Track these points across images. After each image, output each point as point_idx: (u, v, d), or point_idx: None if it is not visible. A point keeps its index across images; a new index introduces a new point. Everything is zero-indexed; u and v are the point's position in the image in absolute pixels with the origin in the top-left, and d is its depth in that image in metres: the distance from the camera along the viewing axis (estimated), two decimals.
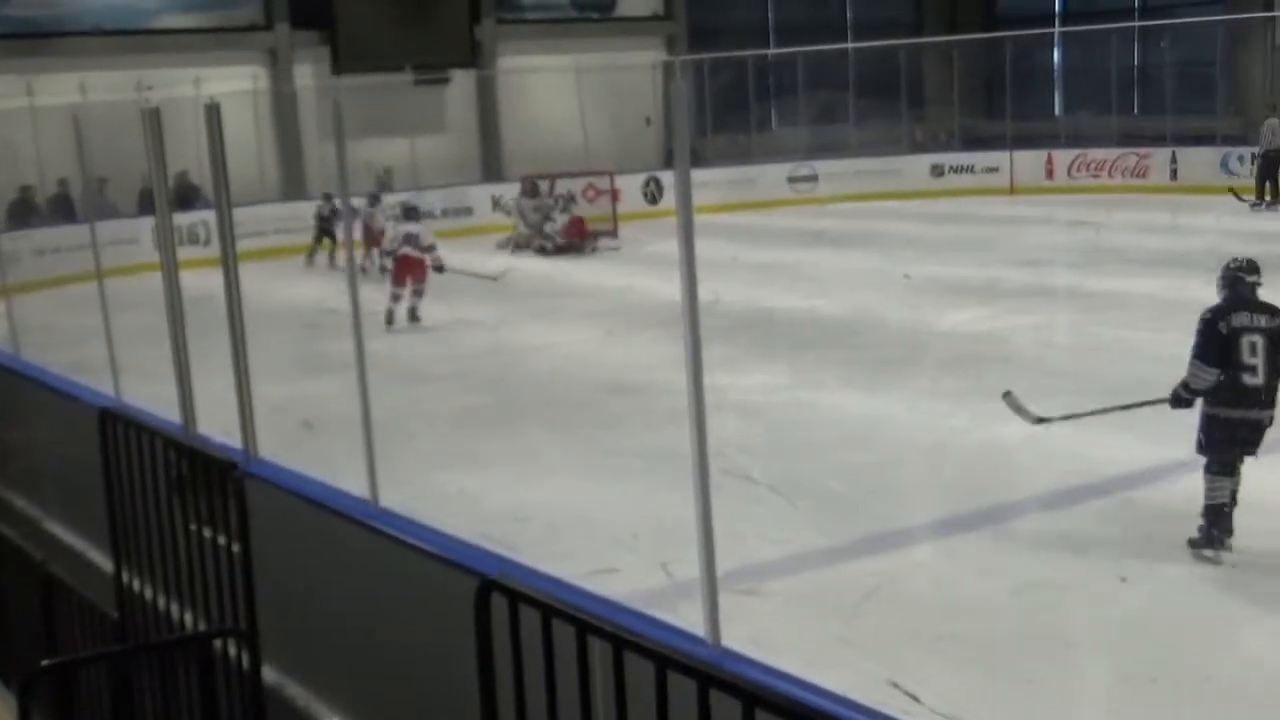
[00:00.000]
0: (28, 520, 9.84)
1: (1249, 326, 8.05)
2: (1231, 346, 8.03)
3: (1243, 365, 8.01)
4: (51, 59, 25.78)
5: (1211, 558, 8.11)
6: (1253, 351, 8.02)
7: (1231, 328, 8.07)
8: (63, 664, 5.33)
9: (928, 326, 15.66)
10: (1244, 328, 8.05)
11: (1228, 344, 8.05)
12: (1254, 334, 8.03)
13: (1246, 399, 8.05)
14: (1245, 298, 8.23)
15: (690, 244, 4.52)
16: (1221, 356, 8.04)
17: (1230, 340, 8.05)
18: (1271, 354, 8.03)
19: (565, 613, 3.86)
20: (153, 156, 7.66)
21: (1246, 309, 8.14)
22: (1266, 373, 8.03)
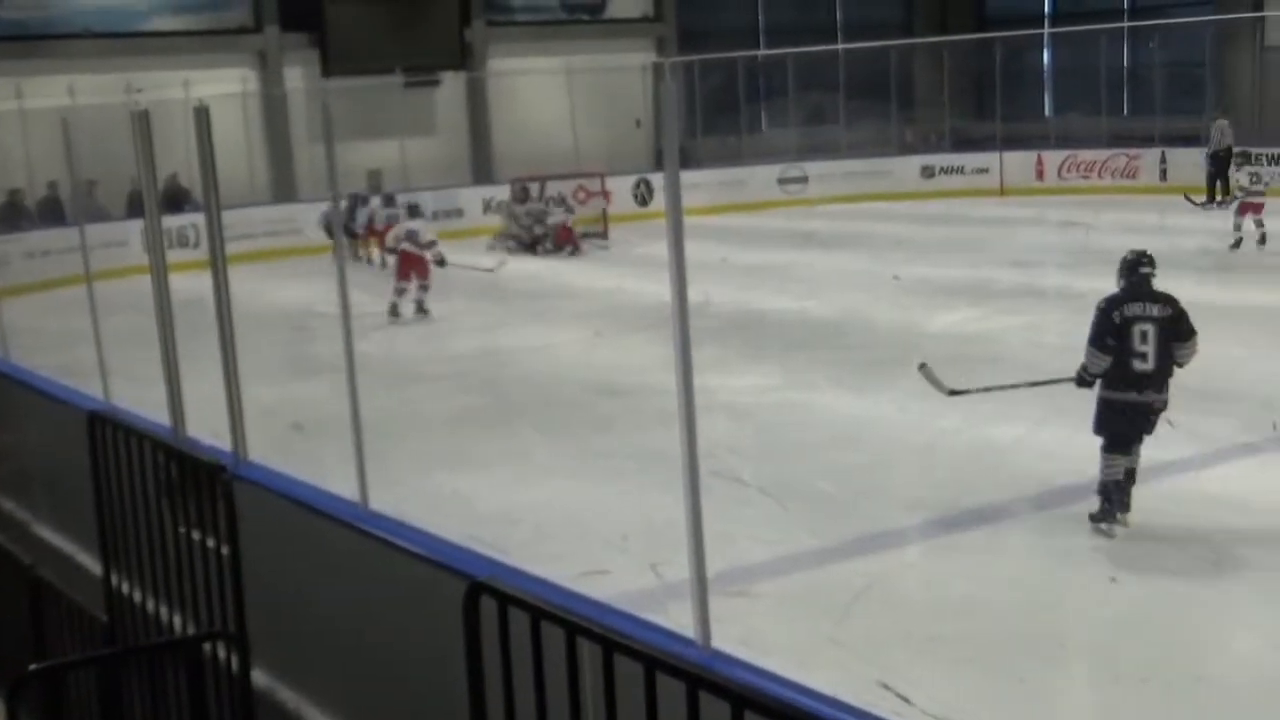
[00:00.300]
0: (16, 523, 9.81)
1: (1141, 315, 8.55)
2: (1124, 334, 8.53)
3: (1133, 352, 8.51)
4: (41, 61, 25.74)
5: (1106, 531, 8.54)
6: (1143, 339, 8.51)
7: (1124, 316, 8.58)
8: (51, 668, 5.31)
9: (918, 327, 15.66)
10: (1136, 316, 8.56)
11: (1120, 331, 8.54)
12: (1145, 323, 8.52)
13: (1136, 383, 8.56)
14: (1140, 288, 8.71)
15: (680, 246, 4.51)
16: (1115, 343, 8.51)
17: (1123, 328, 8.55)
18: (1162, 342, 8.51)
19: (554, 615, 3.85)
20: (142, 159, 7.64)
21: (1141, 299, 8.63)
22: (1156, 359, 8.51)
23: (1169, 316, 8.56)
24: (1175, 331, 8.56)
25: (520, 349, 15.64)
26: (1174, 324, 8.56)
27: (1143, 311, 8.57)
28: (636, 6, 33.61)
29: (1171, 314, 8.58)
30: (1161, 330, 8.53)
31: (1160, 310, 8.58)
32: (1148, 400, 8.59)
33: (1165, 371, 8.58)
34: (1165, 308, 8.60)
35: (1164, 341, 8.52)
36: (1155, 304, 8.60)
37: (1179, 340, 8.55)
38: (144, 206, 8.36)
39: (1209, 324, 14.59)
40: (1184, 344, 8.57)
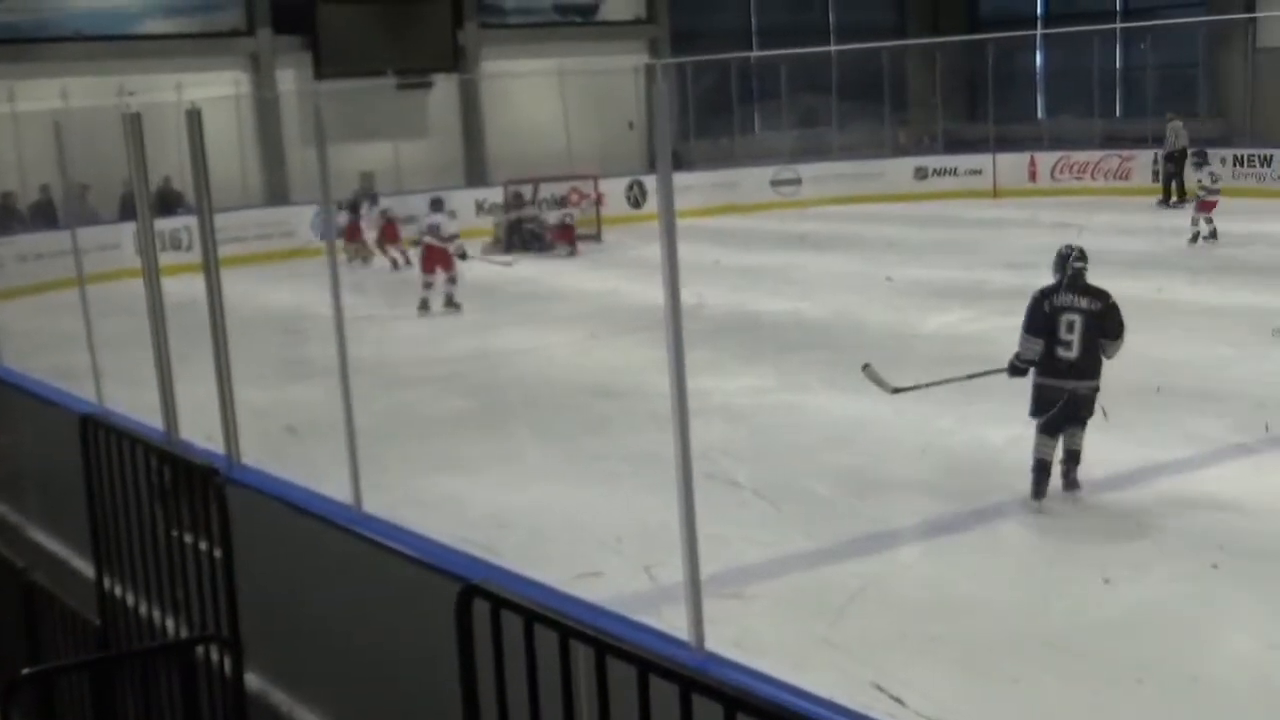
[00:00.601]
0: (9, 527, 9.80)
1: (1069, 306, 9.06)
2: (1053, 323, 9.04)
3: (1059, 340, 9.01)
4: (33, 64, 25.73)
5: (1036, 508, 9.07)
6: (1069, 329, 9.01)
7: (1054, 306, 9.10)
8: (44, 672, 5.30)
9: (912, 329, 15.67)
10: (1065, 307, 9.07)
11: (1050, 320, 9.05)
12: (1073, 313, 9.03)
13: (1062, 371, 9.04)
14: (1073, 280, 9.17)
15: (673, 247, 4.51)
16: (1045, 331, 9.01)
17: (1052, 317, 9.06)
18: (1088, 332, 8.98)
19: (547, 618, 3.84)
20: (134, 162, 7.62)
21: (1071, 291, 9.12)
22: (1080, 349, 8.99)
23: (1097, 310, 9.03)
24: (1102, 326, 9.04)
25: (514, 351, 15.63)
26: (1101, 318, 9.04)
27: (1071, 303, 9.07)
28: (629, 8, 33.62)
29: (1100, 308, 9.07)
30: (1088, 322, 8.99)
31: (1089, 303, 9.06)
32: (1073, 387, 9.04)
33: (1091, 361, 9.04)
34: (1095, 301, 9.08)
35: (1090, 333, 8.99)
36: (1085, 297, 9.09)
37: (1106, 336, 9.05)
38: (136, 209, 8.35)
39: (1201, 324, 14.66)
40: (1111, 340, 9.07)
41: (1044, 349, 9.06)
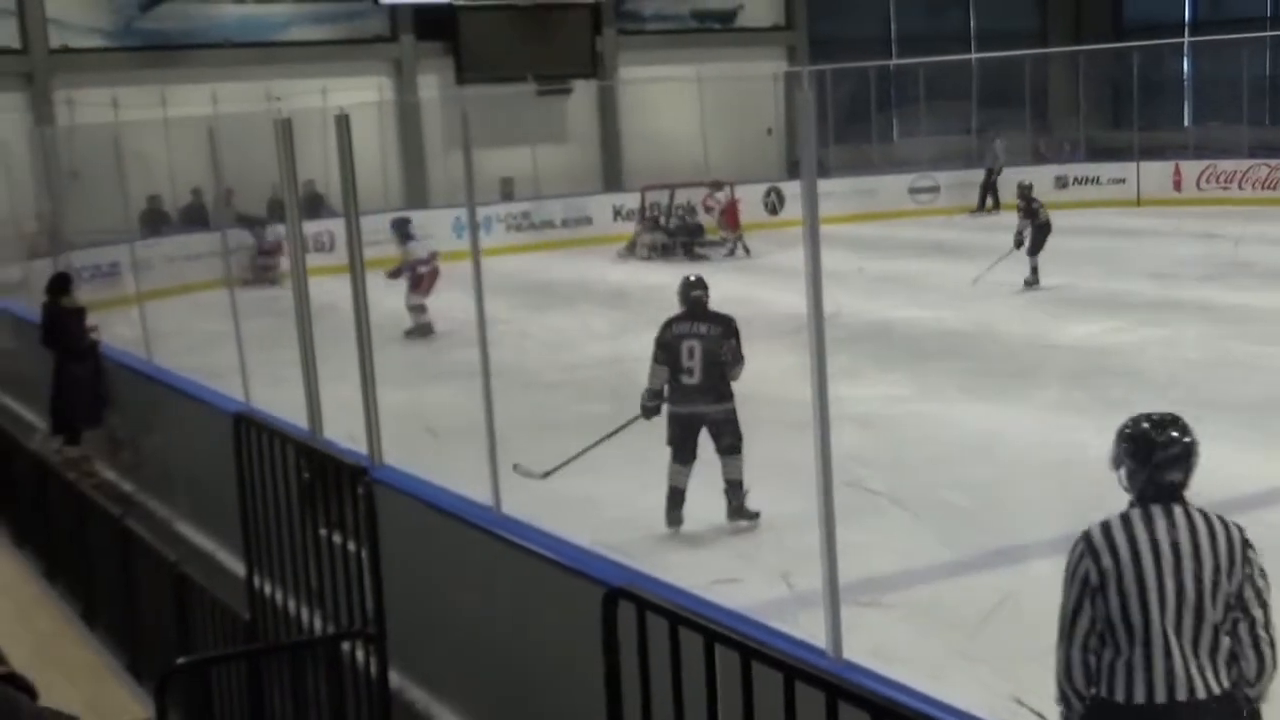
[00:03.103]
0: (158, 522, 10.05)
1: (689, 333, 9.24)
2: (675, 351, 9.20)
3: (682, 367, 9.18)
4: (184, 70, 26.39)
5: (668, 534, 9.25)
6: (690, 355, 9.17)
7: (674, 334, 9.29)
8: (198, 662, 5.44)
9: (1052, 339, 15.45)
10: (684, 334, 9.25)
11: (672, 348, 9.22)
12: (692, 339, 9.19)
13: (686, 397, 9.21)
14: (693, 308, 9.36)
15: (817, 255, 4.52)
16: (668, 360, 9.21)
17: (673, 345, 9.24)
18: (707, 357, 9.12)
19: (693, 621, 3.86)
20: (284, 166, 7.80)
21: (691, 318, 9.30)
22: (701, 374, 9.14)
23: (716, 335, 9.18)
24: (720, 350, 9.13)
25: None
26: (719, 343, 9.14)
27: (690, 330, 9.24)
28: (768, 15, 33.55)
29: (719, 333, 9.16)
30: (706, 347, 9.14)
31: (708, 329, 9.22)
32: (702, 412, 9.22)
33: (715, 385, 9.17)
34: (714, 327, 9.23)
35: (710, 358, 9.12)
36: (704, 323, 9.25)
37: (726, 360, 9.15)
38: (285, 212, 8.54)
39: None
40: (736, 365, 9.23)
41: (670, 377, 9.20)
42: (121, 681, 6.76)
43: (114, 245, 18.54)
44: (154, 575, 6.60)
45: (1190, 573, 4.34)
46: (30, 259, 18.46)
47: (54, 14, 26.09)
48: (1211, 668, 4.33)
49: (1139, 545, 4.41)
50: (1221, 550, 4.39)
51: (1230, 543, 4.43)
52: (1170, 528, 4.43)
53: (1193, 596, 4.33)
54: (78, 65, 26.12)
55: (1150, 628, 4.32)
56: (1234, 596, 4.36)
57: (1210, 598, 4.33)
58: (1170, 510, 4.47)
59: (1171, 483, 4.53)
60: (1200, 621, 4.32)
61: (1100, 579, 4.43)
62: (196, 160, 20.84)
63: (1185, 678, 4.29)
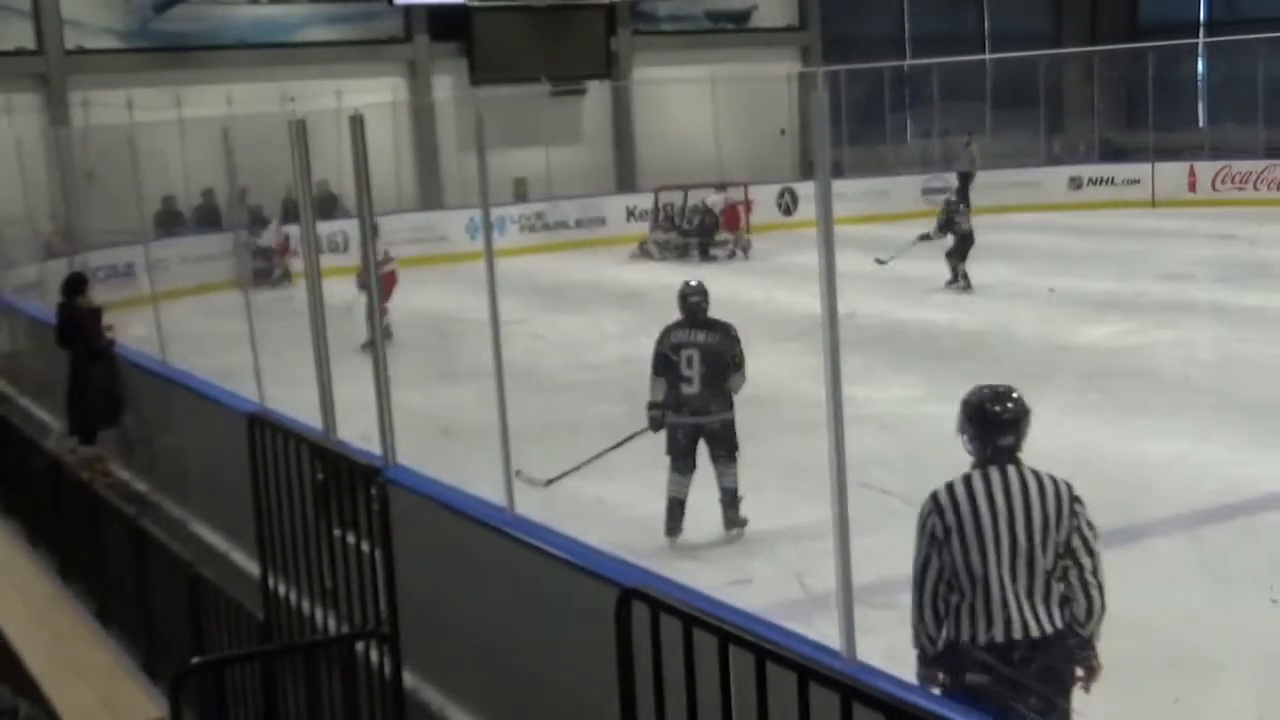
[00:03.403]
0: (173, 522, 10.07)
1: (688, 341, 9.04)
2: (673, 360, 9.00)
3: (681, 376, 8.98)
4: (199, 71, 26.45)
5: (667, 545, 8.99)
6: (689, 364, 8.96)
7: (672, 343, 9.09)
8: (213, 662, 5.44)
9: (1067, 340, 15.42)
10: (683, 343, 9.04)
11: (669, 357, 8.94)
12: (691, 348, 8.99)
13: (685, 406, 9.00)
14: (691, 315, 9.14)
15: (831, 255, 4.51)
16: (666, 369, 8.92)
17: (671, 354, 9.04)
18: (706, 366, 8.94)
19: (707, 622, 3.86)
20: (299, 167, 7.80)
21: (690, 326, 9.09)
22: (701, 382, 8.95)
23: (715, 343, 9.00)
24: (719, 359, 8.96)
25: None
26: (719, 351, 8.97)
27: (689, 338, 9.04)
28: (781, 16, 33.54)
29: (719, 341, 8.99)
30: (705, 356, 8.95)
31: (707, 337, 9.03)
32: (698, 422, 9.02)
33: (714, 394, 8.99)
34: (713, 335, 9.04)
35: (709, 366, 8.93)
36: (703, 331, 9.05)
37: (726, 368, 8.96)
38: (299, 212, 8.54)
39: None
40: (736, 374, 9.05)
41: (668, 387, 9.03)
42: (136, 681, 6.77)
43: (129, 246, 18.59)
44: (168, 575, 6.60)
45: (1022, 525, 4.95)
46: (46, 259, 18.52)
47: (69, 15, 26.17)
48: (1045, 609, 4.94)
49: (978, 502, 5.02)
50: (1050, 505, 5.00)
51: (1059, 498, 5.04)
52: (1005, 486, 5.05)
53: (1025, 546, 4.93)
54: (93, 66, 26.19)
55: (989, 575, 4.92)
56: (1063, 546, 4.98)
57: (1041, 547, 4.94)
58: (1005, 470, 5.09)
59: (1006, 446, 5.18)
60: (1033, 568, 4.93)
61: (945, 533, 5.04)
62: (211, 161, 20.93)
63: (1021, 619, 4.89)
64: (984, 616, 4.95)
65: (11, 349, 16.61)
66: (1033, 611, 4.93)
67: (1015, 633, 4.90)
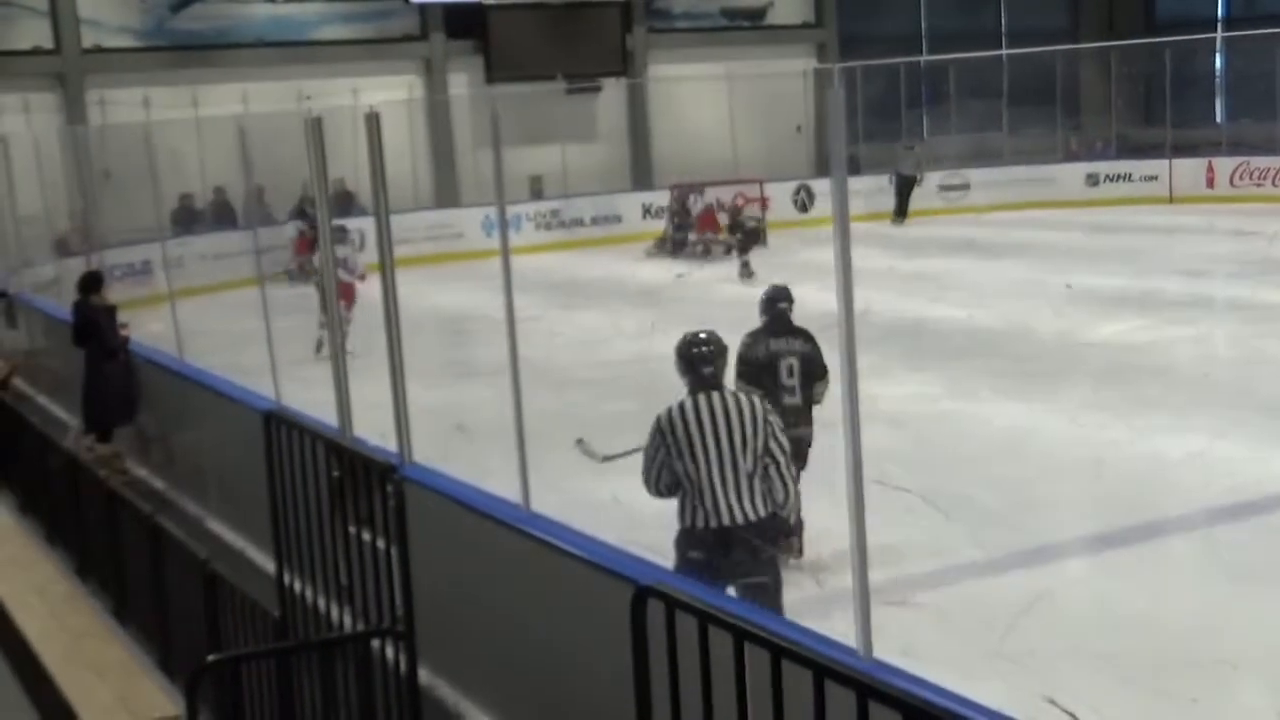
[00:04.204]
0: (190, 519, 10.08)
1: (787, 350, 8.52)
2: (772, 368, 8.47)
3: (782, 386, 8.44)
4: (216, 70, 26.52)
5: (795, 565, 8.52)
6: (790, 373, 8.49)
7: (770, 351, 8.54)
8: (229, 659, 5.45)
9: (1083, 337, 15.38)
10: (782, 351, 8.52)
11: (769, 366, 8.43)
12: (790, 357, 8.50)
13: (786, 418, 8.09)
14: (782, 322, 8.64)
15: (847, 252, 4.49)
16: (764, 379, 8.37)
17: (771, 362, 8.41)
18: (805, 376, 8.51)
19: (723, 620, 3.85)
20: (315, 165, 7.80)
21: (783, 333, 8.58)
22: (801, 393, 8.50)
23: (809, 352, 8.56)
24: (812, 368, 8.54)
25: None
26: (813, 360, 8.55)
27: (787, 346, 8.54)
28: (797, 13, 33.50)
29: (812, 349, 8.56)
30: (803, 364, 8.54)
31: (800, 345, 8.58)
32: (798, 434, 8.29)
33: (808, 406, 8.58)
34: (806, 343, 8.60)
35: (806, 375, 8.52)
36: (796, 339, 8.56)
37: (816, 377, 8.55)
38: (306, 211, 8.54)
39: None
40: (820, 381, 8.57)
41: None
42: (152, 678, 6.79)
43: (146, 244, 18.63)
44: (185, 572, 6.61)
45: (725, 436, 6.26)
46: (63, 257, 18.56)
47: (86, 14, 26.24)
48: (750, 501, 6.26)
49: (689, 421, 6.32)
50: (746, 419, 6.31)
51: (754, 413, 6.36)
52: (710, 407, 6.34)
53: (728, 452, 6.24)
54: (110, 65, 26.27)
55: (701, 477, 6.25)
56: (761, 449, 6.28)
57: (742, 452, 6.26)
58: (710, 395, 6.39)
59: (709, 374, 6.48)
60: (737, 469, 6.24)
61: (667, 446, 6.33)
62: (228, 159, 20.94)
63: (729, 510, 6.23)
64: (701, 509, 6.25)
65: (29, 347, 16.66)
66: (739, 503, 6.23)
67: (725, 520, 6.22)
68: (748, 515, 6.24)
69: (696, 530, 6.26)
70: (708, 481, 6.22)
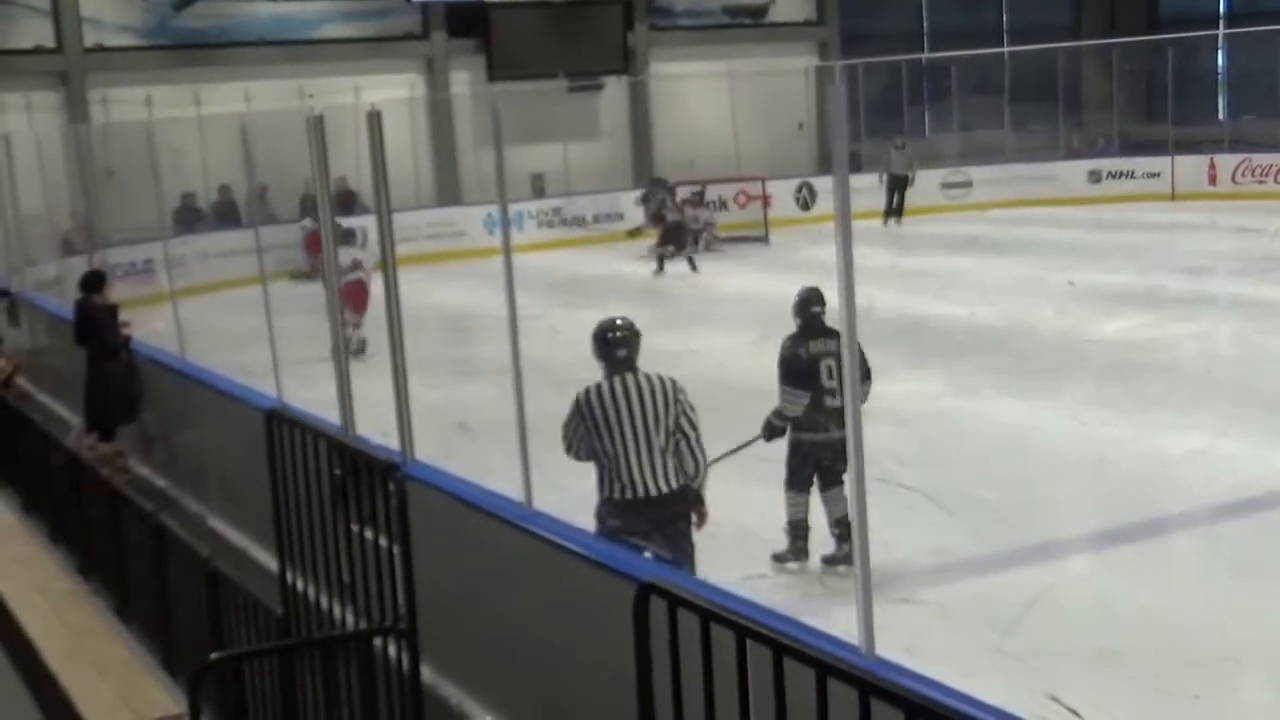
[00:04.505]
0: (191, 517, 10.09)
1: (825, 351, 8.42)
2: (813, 372, 8.39)
3: (824, 388, 8.38)
4: (218, 69, 26.53)
5: (795, 569, 8.49)
6: (830, 375, 8.39)
7: (810, 354, 8.45)
8: (231, 657, 5.45)
9: (1086, 334, 15.37)
10: (822, 353, 8.43)
11: (809, 369, 8.39)
12: (830, 358, 8.39)
13: (828, 422, 8.30)
14: (818, 325, 8.53)
15: (848, 249, 4.49)
16: (807, 381, 8.33)
17: (810, 366, 8.41)
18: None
19: (725, 617, 3.85)
20: (317, 163, 7.80)
21: (820, 335, 8.48)
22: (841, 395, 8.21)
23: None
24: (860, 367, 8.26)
25: (683, 352, 15.64)
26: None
27: (825, 347, 8.44)
28: (799, 10, 33.48)
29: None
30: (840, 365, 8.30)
31: (838, 345, 8.17)
32: (841, 436, 7.98)
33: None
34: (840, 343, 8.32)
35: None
36: (833, 340, 8.38)
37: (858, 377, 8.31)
38: (316, 209, 8.54)
39: None
40: (865, 381, 8.28)
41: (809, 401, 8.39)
42: (155, 677, 6.79)
43: (148, 243, 18.63)
44: (187, 571, 6.62)
45: (639, 413, 6.83)
46: (65, 256, 18.57)
47: (88, 13, 26.24)
48: (663, 473, 6.81)
49: (604, 400, 6.89)
50: (659, 397, 6.89)
51: (665, 391, 6.92)
52: (624, 387, 6.91)
53: (641, 428, 6.79)
54: (112, 64, 26.28)
55: (618, 452, 6.79)
56: (673, 425, 6.85)
57: (654, 429, 6.81)
58: (624, 377, 6.95)
59: (623, 358, 7.04)
60: (650, 445, 6.79)
61: (586, 425, 6.90)
62: (230, 158, 20.93)
63: (643, 482, 6.77)
64: (618, 481, 6.80)
65: (32, 346, 16.67)
66: (653, 476, 6.79)
67: (640, 492, 6.77)
68: (660, 487, 6.80)
69: (615, 501, 6.77)
70: (624, 457, 6.76)
